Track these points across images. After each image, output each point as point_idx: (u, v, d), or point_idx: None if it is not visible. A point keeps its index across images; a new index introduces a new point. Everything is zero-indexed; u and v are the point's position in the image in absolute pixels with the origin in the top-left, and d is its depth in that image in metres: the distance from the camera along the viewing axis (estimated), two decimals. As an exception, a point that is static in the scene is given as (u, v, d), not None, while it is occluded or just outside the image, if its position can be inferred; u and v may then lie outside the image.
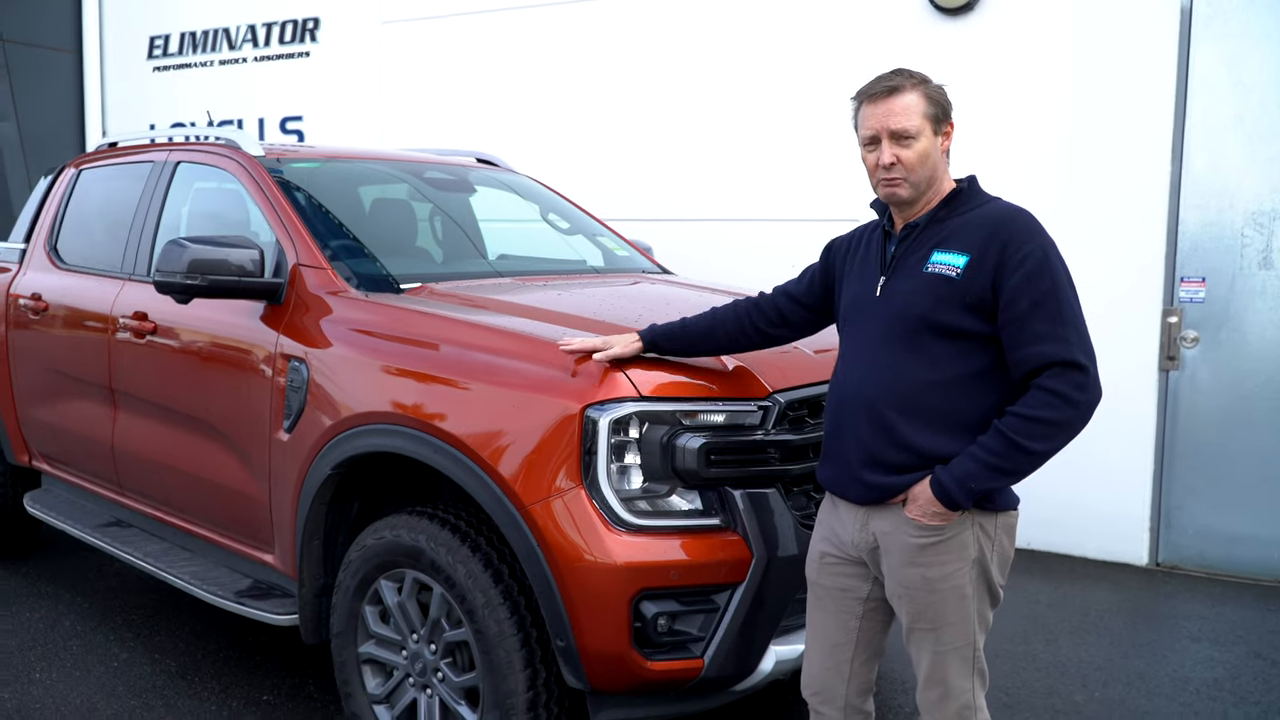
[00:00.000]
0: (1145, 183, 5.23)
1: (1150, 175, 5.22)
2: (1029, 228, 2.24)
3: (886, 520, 2.31)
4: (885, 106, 2.28)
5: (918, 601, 2.30)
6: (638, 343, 2.68)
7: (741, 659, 2.68)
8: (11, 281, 4.86)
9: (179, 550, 4.03)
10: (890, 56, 5.54)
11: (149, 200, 4.27)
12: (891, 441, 2.27)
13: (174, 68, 8.47)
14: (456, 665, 2.91)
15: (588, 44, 6.70)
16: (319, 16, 7.70)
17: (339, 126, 7.65)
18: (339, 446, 3.09)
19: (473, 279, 3.79)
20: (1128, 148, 5.25)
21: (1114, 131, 5.27)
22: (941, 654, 2.33)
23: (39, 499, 4.78)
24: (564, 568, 2.58)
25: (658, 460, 2.61)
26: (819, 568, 2.49)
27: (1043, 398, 2.14)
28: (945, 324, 2.23)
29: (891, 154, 2.27)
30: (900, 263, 2.33)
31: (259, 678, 3.88)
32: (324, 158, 4.24)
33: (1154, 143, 5.20)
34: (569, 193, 5.51)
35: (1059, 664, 4.11)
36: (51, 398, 4.62)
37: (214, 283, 3.35)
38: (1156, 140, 5.19)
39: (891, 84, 2.29)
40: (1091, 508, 5.41)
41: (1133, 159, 5.25)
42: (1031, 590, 4.96)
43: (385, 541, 2.99)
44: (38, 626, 4.35)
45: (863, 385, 2.31)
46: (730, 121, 6.26)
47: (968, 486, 2.18)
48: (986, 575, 2.33)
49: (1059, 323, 2.16)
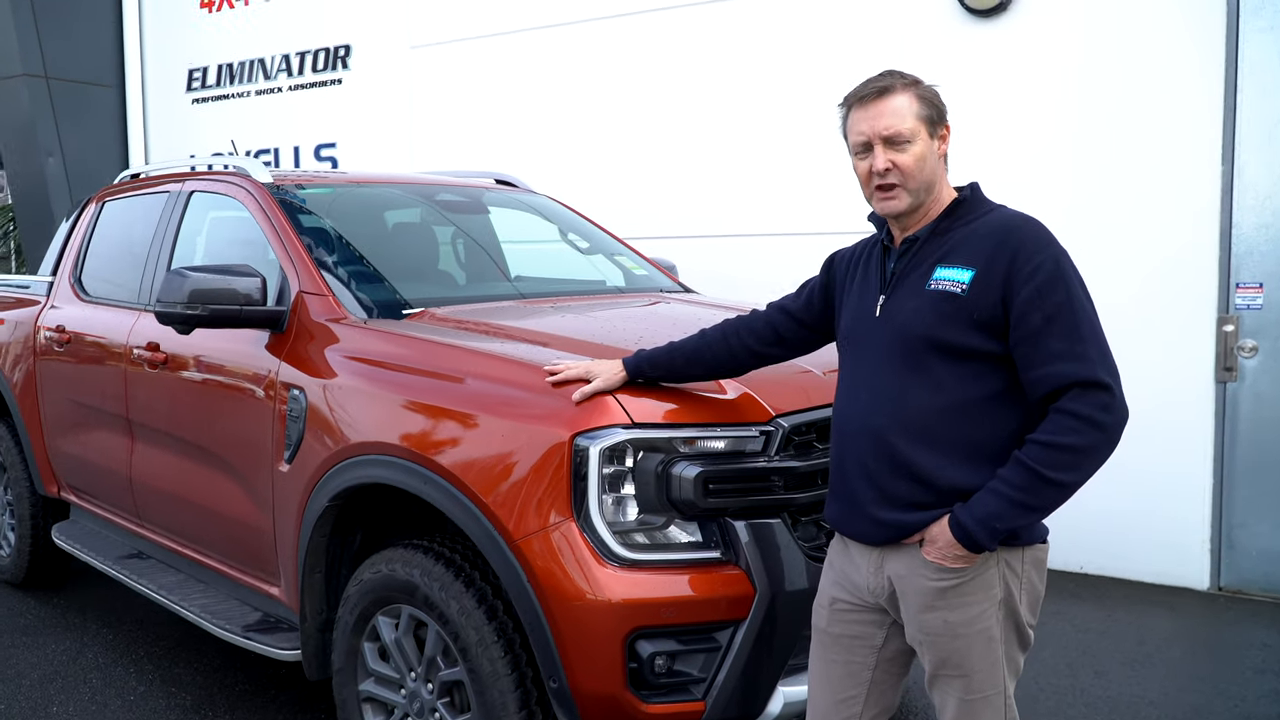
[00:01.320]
0: (1195, 184, 4.98)
1: (1200, 177, 4.97)
2: (1039, 236, 2.05)
3: (902, 562, 2.13)
4: (876, 109, 2.11)
5: (941, 648, 2.11)
6: (621, 372, 2.55)
7: (746, 700, 2.52)
8: (39, 314, 4.89)
9: (193, 583, 3.98)
10: (920, 62, 5.37)
11: (164, 230, 4.25)
12: (901, 474, 2.08)
13: (212, 99, 8.57)
14: (454, 705, 2.79)
15: (613, 62, 6.62)
16: (350, 44, 7.73)
17: (371, 152, 7.66)
18: (335, 478, 3.00)
19: (481, 302, 3.70)
20: (1175, 148, 5.01)
21: (1160, 132, 5.03)
22: (969, 704, 2.13)
23: (66, 530, 4.79)
24: (554, 605, 2.45)
25: (652, 490, 2.48)
26: (829, 614, 2.29)
27: (1065, 422, 1.95)
28: (952, 344, 2.04)
29: (886, 160, 2.09)
30: (901, 280, 2.16)
31: (272, 712, 3.80)
32: (334, 183, 4.19)
33: (1203, 142, 4.95)
34: (597, 211, 5.43)
35: (1109, 699, 3.86)
36: (76, 429, 4.63)
37: (215, 312, 3.30)
38: (1206, 140, 4.94)
39: (881, 85, 2.12)
40: (1147, 528, 5.14)
41: (1181, 160, 5.00)
42: (1081, 617, 4.71)
43: (381, 576, 2.89)
44: (61, 658, 4.33)
45: (867, 413, 2.13)
46: (759, 135, 6.12)
47: (991, 526, 1.99)
48: (1015, 616, 2.13)
49: (1077, 339, 1.97)
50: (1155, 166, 5.05)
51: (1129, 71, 5.08)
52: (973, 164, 5.30)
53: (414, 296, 3.55)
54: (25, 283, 5.27)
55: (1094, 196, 5.17)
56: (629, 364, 2.56)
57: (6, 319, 5.14)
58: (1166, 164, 5.02)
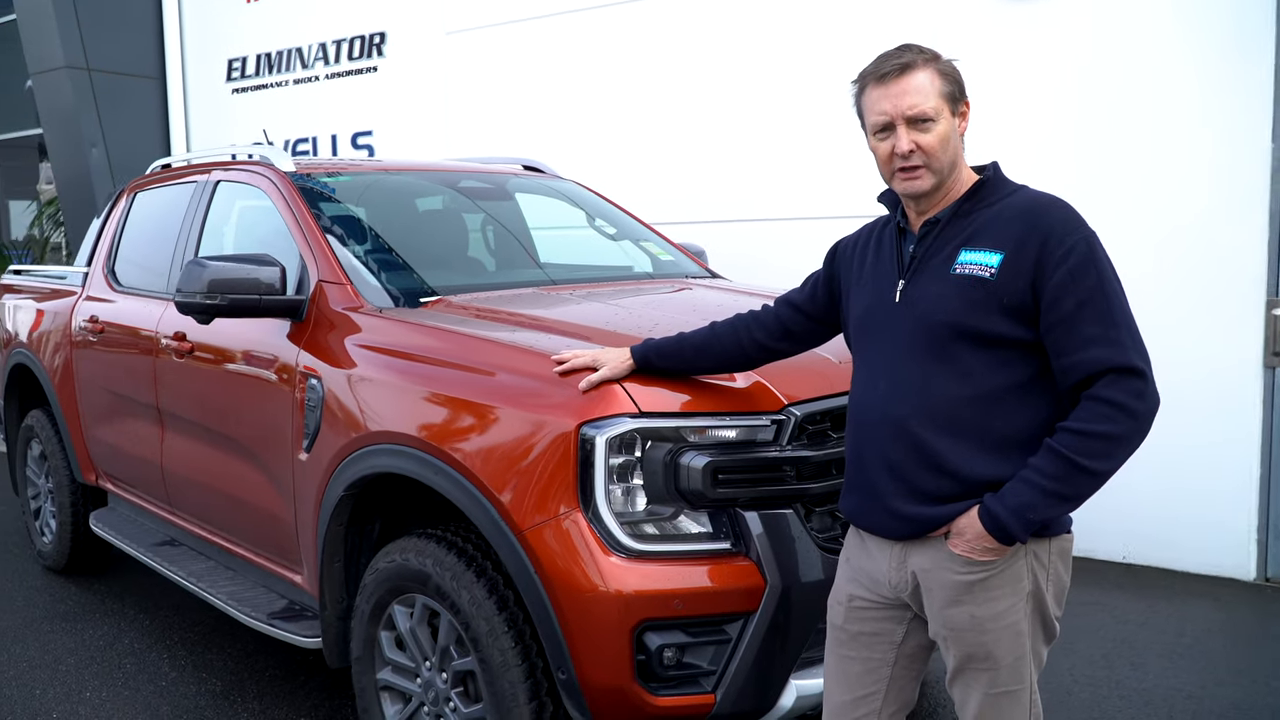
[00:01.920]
0: (1242, 163, 4.81)
1: (1249, 155, 4.79)
2: (1068, 219, 1.97)
3: (926, 556, 2.06)
4: (898, 88, 2.02)
5: (967, 643, 2.05)
6: (628, 361, 2.50)
7: (759, 694, 2.48)
8: (75, 305, 4.95)
9: (222, 570, 4.02)
10: (957, 44, 5.25)
11: (191, 220, 4.28)
12: (927, 465, 2.01)
13: (251, 89, 8.64)
14: (467, 695, 2.78)
15: (646, 46, 6.55)
16: (385, 31, 7.74)
17: (407, 139, 7.68)
18: (350, 467, 3.00)
19: (502, 290, 3.67)
20: (1221, 127, 4.84)
21: (1205, 110, 4.87)
22: (994, 698, 2.07)
23: (103, 518, 4.87)
24: (561, 596, 2.42)
25: (661, 480, 2.43)
26: (846, 612, 2.22)
27: (1099, 409, 1.87)
28: (980, 330, 1.96)
29: (909, 141, 2.01)
30: (922, 264, 2.07)
31: (299, 699, 3.83)
32: (357, 171, 4.18)
33: (1251, 120, 4.77)
34: (630, 195, 5.38)
35: (1144, 691, 3.76)
36: (111, 418, 4.69)
37: (234, 302, 3.30)
38: (1254, 117, 4.76)
39: (902, 61, 2.02)
40: (1192, 517, 4.99)
41: (1227, 139, 4.83)
42: (1121, 608, 4.60)
43: (395, 565, 2.88)
44: (98, 644, 4.40)
45: (889, 403, 2.06)
46: (791, 118, 6.03)
47: (1025, 517, 1.91)
48: (1042, 609, 2.07)
49: (1110, 324, 1.90)
50: (1201, 146, 4.88)
51: (1175, 45, 4.91)
52: (1006, 139, 5.19)
53: (432, 284, 3.54)
54: (62, 273, 5.36)
55: (1136, 176, 5.01)
56: (636, 353, 2.51)
57: (44, 310, 5.23)
58: (1215, 143, 4.86)
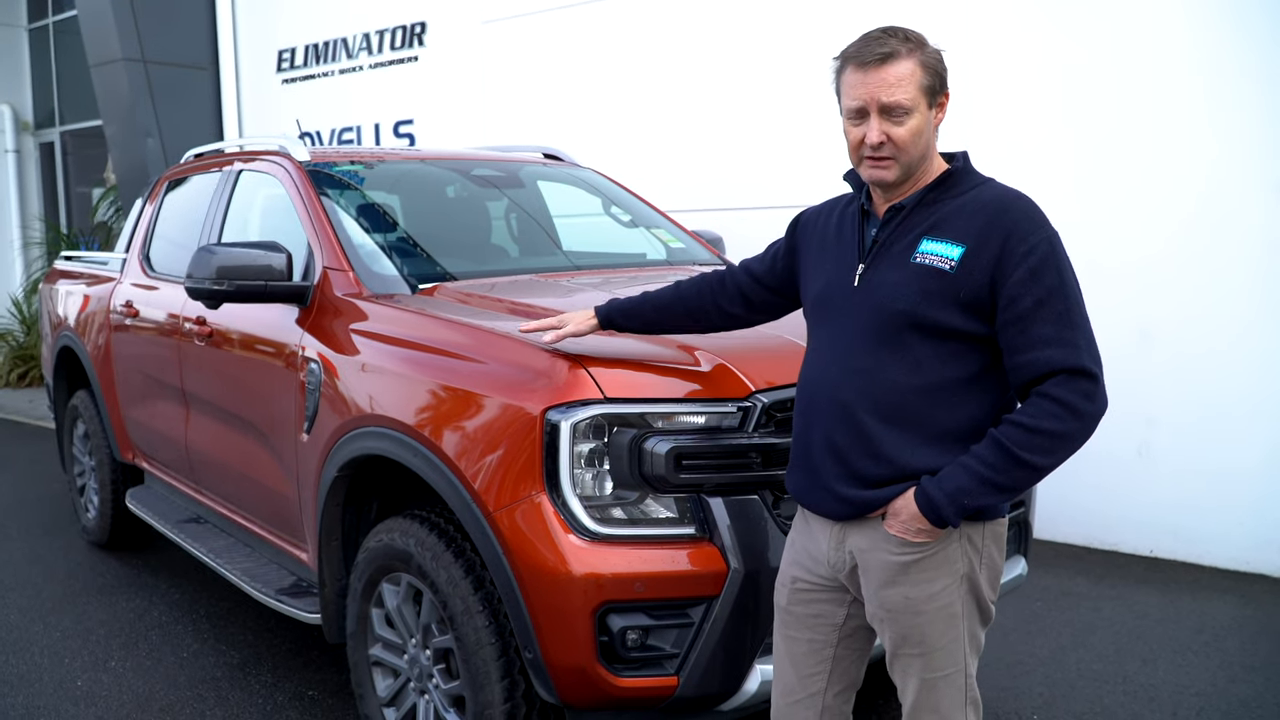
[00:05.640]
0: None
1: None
2: (1032, 217, 1.96)
3: (864, 537, 2.08)
4: (877, 76, 1.98)
5: (901, 624, 2.07)
6: (592, 319, 2.55)
7: (723, 677, 2.50)
8: (113, 290, 5.14)
9: (240, 547, 4.16)
10: (978, 31, 5.19)
11: (215, 208, 4.42)
12: (868, 452, 2.03)
13: (300, 79, 8.83)
14: (448, 671, 2.86)
15: (678, 32, 6.56)
16: (425, 20, 7.85)
17: (446, 128, 7.78)
18: (343, 449, 3.09)
19: (503, 277, 3.73)
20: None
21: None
22: (930, 682, 2.09)
23: (138, 495, 5.05)
24: (526, 577, 2.48)
25: (625, 465, 2.47)
26: (790, 593, 2.25)
27: (1047, 407, 1.88)
28: (934, 322, 1.97)
29: (880, 132, 1.99)
30: (883, 250, 2.07)
31: (310, 673, 3.95)
32: (372, 159, 4.27)
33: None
34: (656, 181, 5.40)
35: (1150, 688, 3.70)
36: (144, 399, 4.87)
37: (241, 288, 3.40)
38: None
39: (885, 50, 1.98)
40: (1219, 511, 4.87)
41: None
42: (1141, 602, 4.51)
43: (383, 545, 2.96)
44: (129, 616, 4.58)
45: (837, 387, 2.07)
46: (818, 105, 5.96)
47: (960, 503, 1.93)
48: (977, 591, 2.09)
49: (1066, 325, 1.90)
50: (1248, 130, 4.75)
51: (1223, 28, 4.78)
52: (1009, 129, 5.11)
53: (432, 272, 3.61)
54: (104, 259, 5.56)
55: (1164, 152, 4.89)
56: (600, 311, 2.57)
57: (89, 294, 5.43)
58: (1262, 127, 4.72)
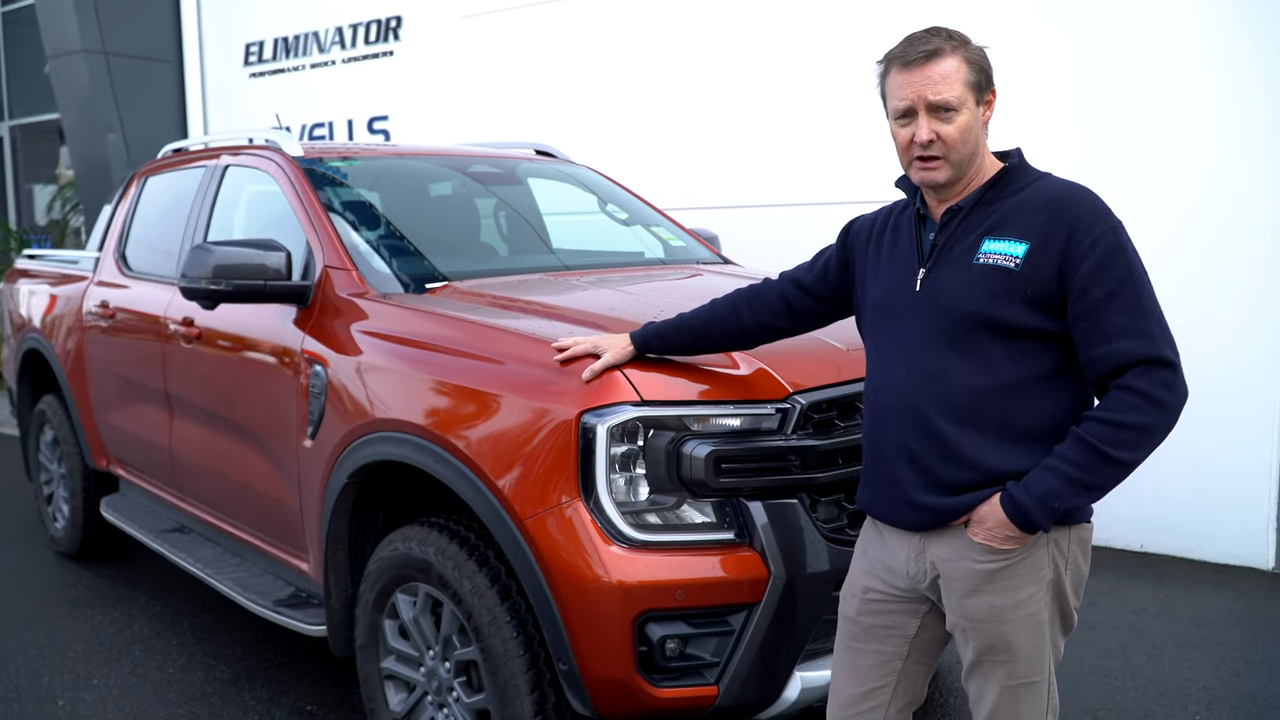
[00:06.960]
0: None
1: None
2: (1095, 208, 1.93)
3: (946, 546, 2.02)
4: (922, 74, 1.95)
5: (987, 634, 2.01)
6: (629, 346, 2.46)
7: (763, 686, 2.45)
8: (85, 290, 4.95)
9: (230, 556, 4.02)
10: (986, 32, 5.15)
11: (200, 205, 4.27)
12: (948, 457, 1.97)
13: (269, 73, 8.63)
14: (470, 685, 2.76)
15: (662, 28, 6.49)
16: (401, 15, 7.71)
17: (423, 124, 7.64)
18: (353, 454, 2.98)
19: (509, 275, 3.63)
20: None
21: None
22: (1012, 690, 2.03)
23: (114, 504, 4.87)
24: (562, 586, 2.40)
25: (663, 469, 2.40)
26: (860, 604, 2.18)
27: (1129, 399, 1.84)
28: (1004, 321, 1.92)
29: (929, 130, 1.95)
30: (944, 253, 2.02)
31: (306, 686, 3.83)
32: (365, 155, 4.15)
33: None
34: (645, 180, 5.33)
35: (1159, 682, 3.71)
36: (121, 403, 4.69)
37: (239, 288, 3.28)
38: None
39: (929, 48, 1.95)
40: (1209, 505, 4.92)
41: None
42: (1137, 598, 4.53)
43: (398, 554, 2.86)
44: (108, 630, 4.41)
45: (908, 394, 2.01)
46: (808, 102, 5.95)
47: (1050, 506, 1.88)
48: (1062, 598, 2.04)
49: (1140, 314, 1.86)
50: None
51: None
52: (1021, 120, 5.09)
53: (439, 270, 3.51)
54: (74, 258, 5.36)
55: (1168, 154, 4.92)
56: (636, 338, 2.48)
57: (57, 295, 5.24)
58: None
